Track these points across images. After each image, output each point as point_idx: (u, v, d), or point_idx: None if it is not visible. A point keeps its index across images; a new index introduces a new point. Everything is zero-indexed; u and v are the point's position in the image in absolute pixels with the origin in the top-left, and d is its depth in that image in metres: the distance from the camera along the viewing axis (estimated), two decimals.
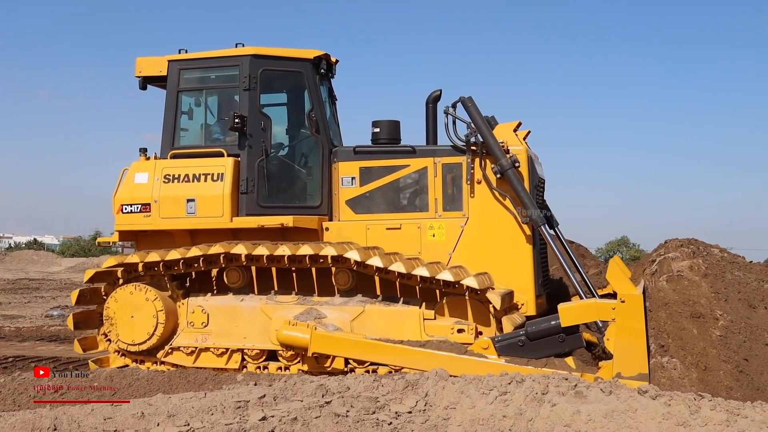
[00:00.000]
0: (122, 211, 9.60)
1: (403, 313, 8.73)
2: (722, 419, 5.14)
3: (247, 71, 9.56)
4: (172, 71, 9.85)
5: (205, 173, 9.43)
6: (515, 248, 9.11)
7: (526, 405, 5.62)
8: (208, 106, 10.06)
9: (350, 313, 8.79)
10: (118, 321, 9.20)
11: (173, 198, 9.47)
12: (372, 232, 9.47)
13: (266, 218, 9.37)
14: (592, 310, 7.63)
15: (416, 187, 9.61)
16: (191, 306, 9.24)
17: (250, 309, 9.07)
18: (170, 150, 9.73)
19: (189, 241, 9.76)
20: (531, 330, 7.84)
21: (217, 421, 5.47)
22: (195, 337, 9.17)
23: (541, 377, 6.06)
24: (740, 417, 5.18)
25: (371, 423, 5.52)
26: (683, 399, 5.43)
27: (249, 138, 9.49)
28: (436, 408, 5.90)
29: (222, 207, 9.34)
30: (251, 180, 9.44)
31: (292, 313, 8.83)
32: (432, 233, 9.36)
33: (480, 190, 9.25)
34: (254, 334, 9.01)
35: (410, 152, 9.59)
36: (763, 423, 5.06)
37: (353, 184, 9.67)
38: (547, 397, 5.69)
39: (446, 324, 8.65)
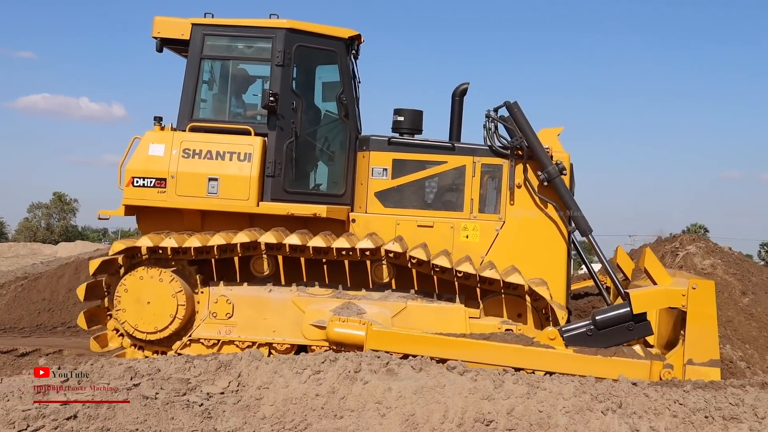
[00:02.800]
0: (133, 183, 8.72)
1: (447, 311, 8.42)
2: (523, 392, 5.62)
3: (281, 45, 8.85)
4: (196, 36, 8.99)
5: (231, 151, 8.69)
6: (551, 256, 8.92)
7: (339, 383, 5.83)
8: (234, 77, 9.27)
9: (391, 309, 8.37)
10: (131, 305, 8.38)
11: (193, 175, 8.68)
12: (402, 227, 9.04)
13: (297, 206, 8.76)
14: (663, 296, 7.68)
15: (452, 186, 9.23)
16: (213, 295, 8.52)
17: (280, 300, 8.47)
18: (189, 122, 8.90)
19: (199, 222, 9.04)
20: (599, 319, 7.70)
21: (14, 407, 5.25)
22: (218, 329, 8.48)
23: (354, 356, 6.23)
24: (539, 389, 5.66)
25: (181, 405, 5.53)
26: (488, 374, 5.83)
27: (280, 118, 8.82)
28: (249, 388, 5.95)
29: (248, 190, 8.64)
30: (279, 163, 8.78)
31: (328, 307, 8.33)
32: (465, 234, 9.02)
33: (519, 195, 8.98)
34: (284, 328, 8.44)
35: (449, 148, 9.19)
36: (559, 394, 5.54)
37: (384, 176, 9.17)
38: (360, 375, 5.91)
39: (493, 323, 8.42)
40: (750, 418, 5.22)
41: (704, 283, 7.53)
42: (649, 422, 5.30)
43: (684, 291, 7.45)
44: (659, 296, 7.72)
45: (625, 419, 5.35)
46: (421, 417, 5.49)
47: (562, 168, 8.73)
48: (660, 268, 8.30)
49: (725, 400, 5.45)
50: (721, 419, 5.24)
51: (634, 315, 7.63)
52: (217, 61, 9.20)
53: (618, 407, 5.44)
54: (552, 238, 8.94)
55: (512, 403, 5.48)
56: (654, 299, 7.73)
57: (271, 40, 8.90)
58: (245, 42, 9.16)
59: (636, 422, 5.31)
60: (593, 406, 5.46)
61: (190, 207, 8.79)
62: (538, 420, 5.39)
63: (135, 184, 8.71)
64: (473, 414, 5.52)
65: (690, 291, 7.40)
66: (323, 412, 5.63)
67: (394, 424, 5.46)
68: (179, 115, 9.00)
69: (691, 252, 11.16)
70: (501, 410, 5.49)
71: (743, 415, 5.25)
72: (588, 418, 5.36)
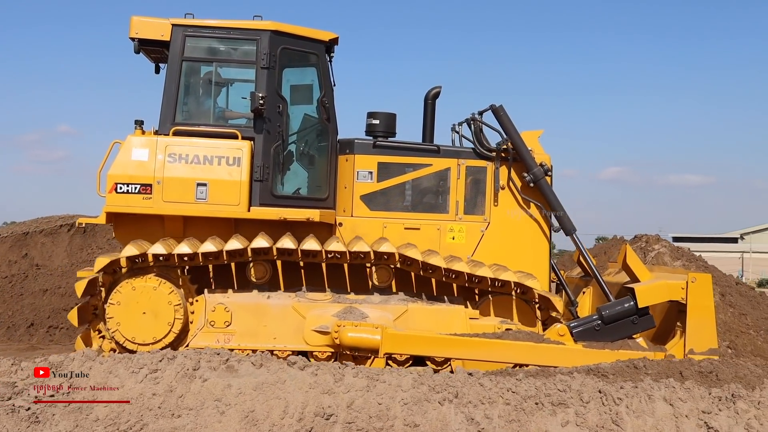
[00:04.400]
0: (116, 190, 8.37)
1: (448, 312, 8.53)
2: (363, 385, 5.71)
3: (266, 48, 8.70)
4: (176, 37, 8.71)
5: (219, 156, 8.49)
6: (535, 255, 9.19)
7: (177, 382, 5.78)
8: (218, 80, 9.04)
9: (393, 312, 8.41)
10: (125, 318, 8.05)
11: (180, 180, 8.43)
12: (389, 230, 9.09)
13: (289, 210, 8.65)
14: (665, 290, 8.07)
15: (437, 188, 9.35)
16: (210, 303, 8.29)
17: (279, 307, 8.34)
18: (171, 125, 8.63)
19: (181, 229, 8.78)
20: (606, 314, 8.00)
21: None
22: (216, 338, 8.25)
23: (194, 353, 6.18)
24: (379, 382, 5.77)
25: (5, 410, 5.47)
26: (329, 368, 5.91)
27: (266, 121, 8.68)
28: (82, 390, 5.84)
29: (239, 195, 8.47)
30: (266, 167, 8.64)
31: (329, 312, 8.28)
32: (452, 236, 9.17)
33: (503, 196, 9.22)
34: (285, 334, 8.32)
35: (434, 151, 9.30)
36: (398, 386, 5.68)
37: (370, 179, 9.19)
38: (199, 373, 5.89)
39: (492, 323, 8.59)
40: (576, 403, 5.56)
41: (702, 277, 8.00)
42: (484, 411, 5.52)
43: (683, 284, 7.89)
44: (661, 290, 8.09)
45: (461, 408, 5.54)
46: (261, 413, 5.54)
47: (547, 169, 9.01)
48: (640, 264, 8.70)
49: (554, 386, 5.74)
50: (550, 405, 5.54)
51: (639, 309, 7.97)
52: (199, 63, 8.95)
53: (454, 397, 5.62)
54: (535, 237, 9.22)
55: (352, 397, 5.61)
56: (657, 293, 8.10)
57: (255, 42, 8.74)
58: (228, 44, 8.94)
59: (471, 411, 5.52)
60: (431, 396, 5.63)
61: (178, 213, 8.53)
62: (378, 412, 5.53)
63: (118, 191, 8.37)
64: (313, 408, 5.59)
65: (690, 284, 7.83)
66: (160, 411, 5.59)
67: (234, 421, 5.49)
68: (161, 119, 8.70)
69: (661, 252, 11.79)
70: (341, 404, 5.59)
71: (570, 401, 5.58)
72: (426, 408, 5.55)
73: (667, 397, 5.65)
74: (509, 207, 9.20)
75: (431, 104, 9.94)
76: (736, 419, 5.45)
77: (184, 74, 8.78)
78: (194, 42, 8.81)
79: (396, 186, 9.24)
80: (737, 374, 6.44)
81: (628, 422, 5.46)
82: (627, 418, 5.48)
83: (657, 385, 5.84)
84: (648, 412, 5.53)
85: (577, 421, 5.48)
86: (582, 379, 5.92)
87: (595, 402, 5.61)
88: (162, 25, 8.75)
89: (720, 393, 5.73)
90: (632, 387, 5.80)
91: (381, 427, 5.48)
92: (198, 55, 8.90)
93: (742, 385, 5.98)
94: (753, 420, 5.41)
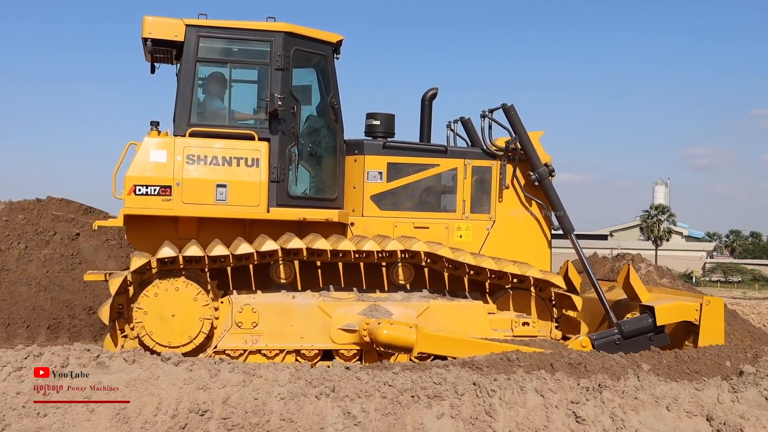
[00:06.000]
0: (135, 192, 8.29)
1: (468, 307, 8.82)
2: (239, 380, 5.75)
3: (280, 49, 8.75)
4: (190, 38, 8.66)
5: (238, 157, 8.51)
6: (537, 253, 9.57)
7: (45, 379, 5.69)
8: (232, 82, 9.03)
9: (415, 309, 8.63)
10: (153, 320, 7.99)
11: (200, 182, 8.41)
12: (400, 229, 9.31)
13: (309, 211, 8.75)
14: (681, 310, 8.61)
15: (445, 188, 9.60)
16: (237, 304, 8.30)
17: (305, 307, 8.44)
18: (187, 127, 8.58)
19: (195, 230, 8.76)
20: (626, 329, 8.42)
21: None
22: (244, 339, 8.27)
23: (62, 349, 6.03)
24: (255, 377, 5.81)
25: None
26: (204, 364, 5.91)
27: (282, 122, 8.74)
28: None
29: (259, 196, 8.52)
30: (282, 168, 8.71)
31: (354, 311, 8.45)
32: (459, 234, 9.45)
33: (508, 195, 9.55)
34: (312, 333, 8.43)
35: (441, 152, 9.55)
36: (275, 381, 5.72)
37: (380, 179, 9.37)
38: (68, 370, 5.85)
39: (510, 317, 8.93)
40: (451, 396, 5.74)
41: (715, 300, 8.64)
42: (361, 404, 5.61)
43: (697, 306, 8.48)
44: (678, 310, 8.66)
45: (338, 402, 5.62)
46: (134, 410, 5.43)
47: (551, 169, 9.38)
48: (640, 284, 9.18)
49: (430, 379, 5.87)
50: (426, 398, 5.69)
51: (656, 326, 8.48)
52: (213, 64, 8.93)
53: (331, 391, 5.68)
54: (537, 236, 9.62)
55: (228, 392, 5.57)
56: (674, 313, 8.65)
57: (269, 44, 8.78)
58: (241, 45, 8.94)
59: (348, 405, 5.59)
60: (308, 391, 5.66)
61: (198, 215, 8.52)
62: (254, 408, 5.52)
63: (137, 193, 8.29)
64: (188, 404, 5.54)
65: (704, 307, 8.44)
66: (24, 411, 5.43)
67: (104, 419, 5.37)
68: (176, 120, 8.65)
69: (651, 270, 12.46)
70: (216, 399, 5.54)
71: (445, 393, 5.75)
72: (302, 403, 5.59)
73: (538, 388, 5.84)
74: (513, 206, 9.56)
75: (428, 105, 10.20)
76: (602, 408, 5.72)
77: (198, 75, 8.76)
78: (208, 43, 8.78)
79: (405, 186, 9.44)
80: (604, 365, 6.68)
81: (501, 413, 5.63)
82: (500, 410, 5.65)
83: (529, 376, 6.02)
84: (520, 403, 5.71)
85: (452, 413, 5.62)
86: (457, 372, 6.07)
87: (469, 394, 5.75)
88: (176, 26, 8.69)
89: (588, 383, 5.98)
90: (505, 379, 5.97)
91: (257, 422, 5.46)
92: (212, 55, 8.88)
93: (608, 375, 6.24)
94: (617, 409, 5.70)
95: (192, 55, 8.67)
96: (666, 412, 5.72)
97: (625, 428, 5.60)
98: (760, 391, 5.93)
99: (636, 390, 5.89)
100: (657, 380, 6.13)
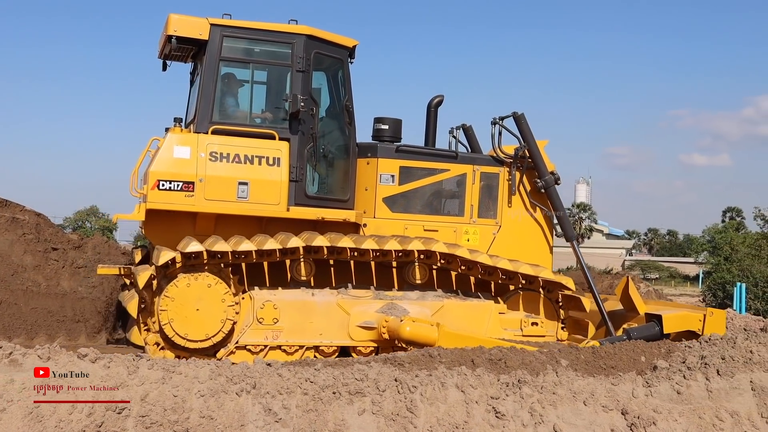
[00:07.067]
0: (159, 187, 8.40)
1: (480, 307, 9.16)
2: (158, 377, 5.62)
3: (301, 51, 8.96)
4: (214, 37, 8.82)
5: (260, 155, 8.68)
6: (540, 257, 9.93)
7: None
8: (254, 82, 9.20)
9: (430, 308, 8.91)
10: (178, 313, 8.11)
11: (222, 179, 8.55)
12: (410, 231, 9.57)
13: (328, 211, 8.98)
14: (686, 320, 8.98)
15: (454, 192, 9.91)
16: (259, 301, 8.46)
17: (324, 304, 8.65)
18: (210, 124, 8.72)
19: (212, 227, 8.91)
20: (634, 335, 8.77)
21: None
22: (265, 335, 8.44)
23: None
24: (175, 374, 5.70)
25: None
26: (122, 361, 5.76)
27: (301, 123, 8.95)
28: None
29: (279, 194, 8.70)
30: (301, 168, 8.92)
31: (372, 309, 8.70)
32: (467, 238, 9.75)
33: (514, 201, 9.89)
34: (331, 330, 8.64)
35: (452, 157, 9.85)
36: (195, 378, 5.67)
37: (392, 182, 9.63)
38: None
39: (519, 317, 9.32)
40: (373, 392, 5.75)
41: (718, 312, 9.06)
42: (282, 401, 5.58)
43: (701, 317, 8.88)
44: (684, 320, 9.00)
45: (259, 399, 5.58)
46: (47, 409, 5.27)
47: (557, 177, 9.75)
48: (638, 296, 9.59)
49: (351, 376, 5.86)
50: (347, 394, 5.69)
51: (662, 334, 8.86)
52: (235, 63, 9.09)
53: (252, 388, 5.63)
54: (540, 239, 9.99)
55: (146, 389, 5.49)
56: (680, 322, 8.99)
57: (290, 46, 8.97)
58: (263, 46, 9.11)
59: (269, 402, 5.56)
60: (228, 388, 5.61)
61: (219, 211, 8.66)
62: (173, 405, 5.45)
63: (161, 188, 8.40)
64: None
65: (707, 317, 8.84)
66: None
67: (16, 418, 5.19)
68: (199, 118, 8.77)
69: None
70: (135, 396, 5.45)
71: (367, 389, 5.75)
72: (223, 400, 5.53)
73: (459, 384, 5.88)
74: (519, 211, 9.90)
75: (434, 112, 10.51)
76: (521, 403, 5.81)
77: (221, 74, 8.91)
78: (231, 42, 8.94)
79: (416, 189, 9.72)
80: (523, 361, 6.73)
81: (422, 409, 5.68)
82: (421, 405, 5.70)
83: (450, 372, 6.05)
84: (441, 399, 5.76)
85: (373, 409, 5.65)
86: (379, 368, 6.09)
87: (391, 390, 5.78)
88: (201, 24, 8.83)
89: (507, 379, 6.04)
90: (427, 375, 6.01)
91: (176, 419, 5.39)
92: (234, 55, 9.04)
93: (527, 371, 6.29)
94: (536, 404, 5.80)
95: (216, 53, 8.82)
96: (583, 407, 5.88)
97: (544, 423, 5.71)
98: (673, 385, 6.12)
99: (554, 385, 6.01)
100: (575, 375, 6.24)
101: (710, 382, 6.11)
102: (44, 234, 11.74)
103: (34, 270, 11.08)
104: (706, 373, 6.19)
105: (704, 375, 6.18)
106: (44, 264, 11.26)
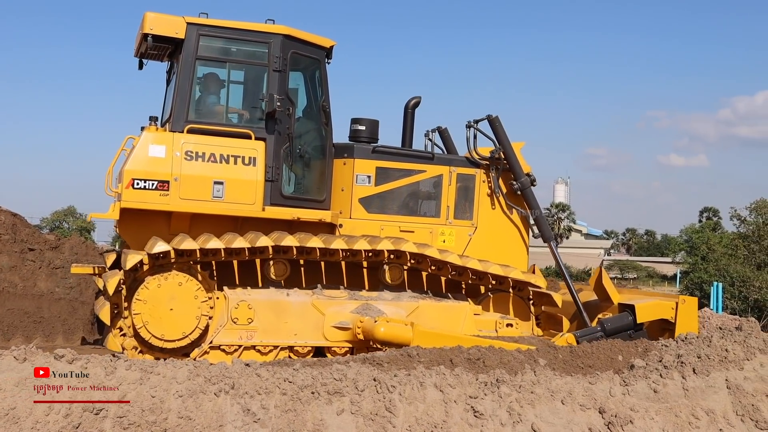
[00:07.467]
0: (133, 186, 8.31)
1: (455, 308, 9.17)
2: (136, 378, 5.59)
3: (278, 51, 8.92)
4: (191, 36, 8.75)
5: (235, 155, 8.62)
6: (516, 258, 9.95)
7: None
8: (230, 81, 9.13)
9: (406, 308, 8.90)
10: (152, 315, 8.02)
11: (197, 178, 8.48)
12: (386, 232, 9.55)
13: (302, 210, 8.95)
14: (659, 308, 9.07)
15: (430, 193, 9.91)
16: (233, 301, 8.40)
17: (299, 304, 8.61)
18: (185, 123, 8.64)
19: (187, 226, 8.82)
20: (608, 326, 8.84)
21: None
22: (239, 335, 8.37)
23: None
24: (153, 374, 5.66)
25: None
26: (100, 362, 5.73)
27: (278, 123, 8.90)
28: None
29: (255, 194, 8.64)
30: (276, 168, 8.87)
31: (347, 309, 8.68)
32: (443, 239, 9.76)
33: (490, 202, 9.91)
34: (305, 331, 8.60)
35: (429, 158, 9.86)
36: (173, 378, 5.63)
37: (368, 183, 9.61)
38: None
39: (494, 319, 9.36)
40: (351, 392, 5.75)
41: (690, 300, 9.14)
42: (261, 401, 5.57)
43: (673, 305, 8.95)
44: (656, 308, 9.09)
45: (238, 399, 5.56)
46: (24, 410, 5.25)
47: (533, 179, 9.79)
48: (612, 286, 9.64)
49: (330, 375, 5.85)
50: (326, 394, 5.69)
51: (636, 324, 8.94)
52: (211, 62, 9.03)
53: (231, 388, 5.62)
54: (516, 240, 10.03)
55: (124, 390, 5.46)
56: (653, 311, 9.07)
57: (267, 45, 8.93)
58: (240, 45, 9.05)
59: (248, 402, 5.55)
60: (206, 388, 5.58)
61: (194, 210, 8.58)
62: (151, 405, 5.42)
63: (135, 186, 8.31)
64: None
65: (679, 305, 8.91)
66: None
67: None
68: (174, 117, 8.71)
69: None
70: (112, 398, 5.42)
71: (345, 389, 5.75)
72: (201, 400, 5.50)
73: (437, 383, 5.90)
74: (495, 213, 9.93)
75: (411, 113, 10.52)
76: (500, 403, 5.83)
77: (197, 73, 8.85)
78: (208, 41, 8.88)
79: (393, 190, 9.71)
80: (502, 360, 6.76)
81: (401, 409, 5.69)
82: (400, 405, 5.71)
83: (429, 372, 6.07)
84: (419, 399, 5.78)
85: (352, 409, 5.66)
86: (358, 368, 6.10)
87: (369, 390, 5.78)
88: (177, 23, 8.75)
89: (486, 378, 6.06)
90: (405, 375, 6.02)
91: (154, 420, 5.36)
92: (211, 54, 8.98)
93: (506, 370, 6.32)
94: (514, 403, 5.83)
95: (192, 52, 8.75)
96: (561, 406, 5.91)
97: (522, 422, 5.73)
98: (649, 384, 6.17)
99: (532, 384, 6.03)
100: (553, 375, 6.28)
101: (686, 381, 6.17)
102: (21, 234, 11.66)
103: (10, 271, 11.02)
104: (682, 371, 6.25)
105: (680, 374, 6.23)
106: (21, 265, 11.19)
